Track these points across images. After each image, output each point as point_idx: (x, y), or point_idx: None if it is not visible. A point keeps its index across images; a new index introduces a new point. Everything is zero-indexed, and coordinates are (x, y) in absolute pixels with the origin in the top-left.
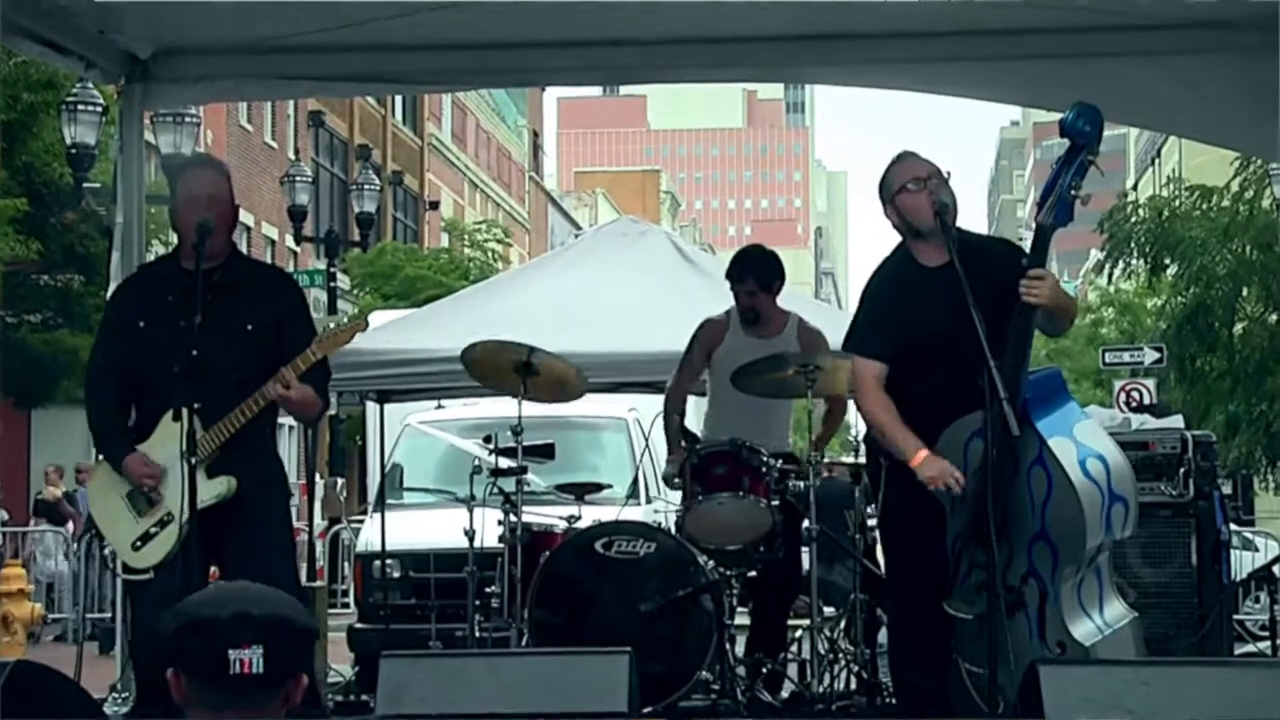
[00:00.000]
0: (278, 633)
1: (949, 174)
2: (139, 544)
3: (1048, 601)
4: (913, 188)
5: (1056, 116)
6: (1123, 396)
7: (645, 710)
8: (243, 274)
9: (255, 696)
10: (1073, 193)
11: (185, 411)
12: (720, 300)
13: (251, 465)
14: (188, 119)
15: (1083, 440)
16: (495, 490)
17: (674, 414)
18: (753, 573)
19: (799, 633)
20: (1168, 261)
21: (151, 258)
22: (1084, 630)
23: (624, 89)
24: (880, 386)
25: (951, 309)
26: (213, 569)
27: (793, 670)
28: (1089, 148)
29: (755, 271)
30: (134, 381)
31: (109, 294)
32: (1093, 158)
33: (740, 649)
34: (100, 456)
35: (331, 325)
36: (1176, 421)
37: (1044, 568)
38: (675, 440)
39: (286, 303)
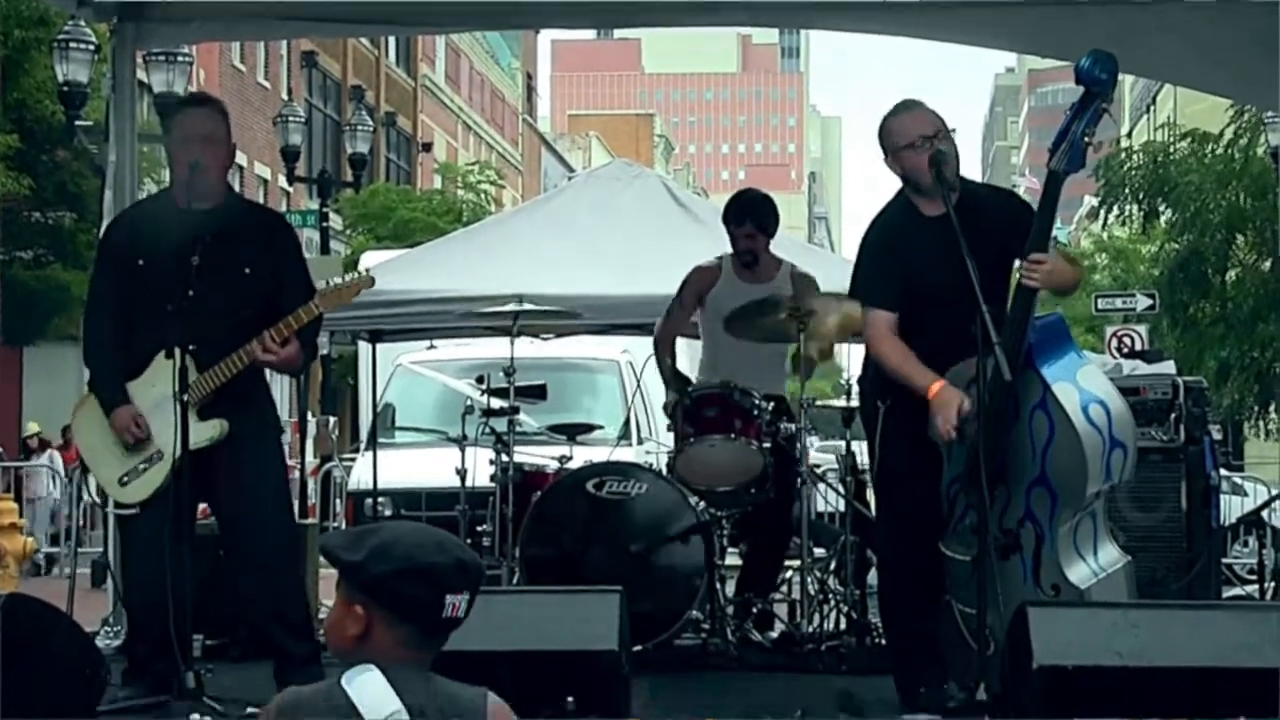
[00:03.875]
0: (478, 579)
1: (954, 130)
2: (125, 479)
3: (1043, 545)
4: (920, 145)
5: (1051, 63)
6: (1114, 342)
7: (635, 649)
8: (240, 217)
9: (441, 638)
10: (1085, 139)
11: (179, 351)
12: (713, 243)
13: (245, 408)
14: (180, 58)
15: (1085, 385)
16: (487, 430)
17: (665, 357)
18: (741, 514)
19: (789, 573)
20: (1162, 208)
21: (143, 196)
22: (1079, 574)
23: (618, 32)
24: (893, 333)
25: (952, 259)
26: (201, 505)
27: (782, 610)
28: (1104, 95)
29: (754, 214)
30: (129, 318)
31: (102, 230)
32: (1107, 105)
33: (730, 589)
34: (87, 390)
35: (336, 280)
36: (1168, 367)
37: (1041, 512)
38: (671, 380)
39: (283, 249)
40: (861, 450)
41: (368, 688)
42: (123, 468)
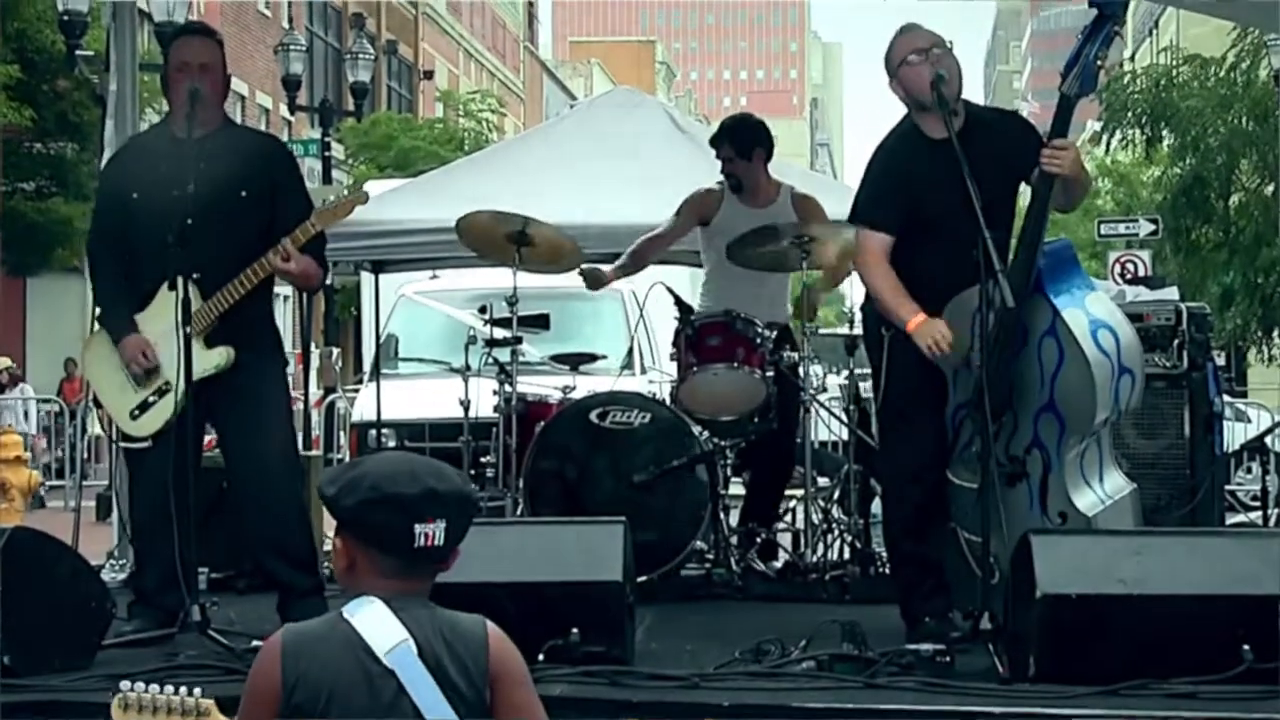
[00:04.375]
0: (457, 507)
1: (951, 44)
2: (137, 412)
3: (1051, 472)
4: (914, 60)
5: None
6: (1117, 268)
7: (639, 579)
8: (235, 141)
9: (425, 566)
10: (1098, 63)
11: (181, 281)
12: (714, 171)
13: (250, 335)
14: None
15: (1094, 312)
16: (490, 360)
17: (636, 250)
18: (744, 443)
19: (793, 503)
20: (1164, 132)
21: (145, 126)
22: (1086, 501)
23: None
24: (885, 258)
25: (957, 182)
26: (208, 438)
27: (786, 540)
28: (1115, 18)
29: (730, 137)
30: (130, 252)
31: (102, 163)
32: (1118, 28)
33: (734, 519)
34: (97, 325)
35: (331, 198)
36: (1171, 293)
37: (1049, 438)
38: (628, 258)
39: (280, 170)
40: (866, 378)
41: (372, 619)
42: (133, 401)
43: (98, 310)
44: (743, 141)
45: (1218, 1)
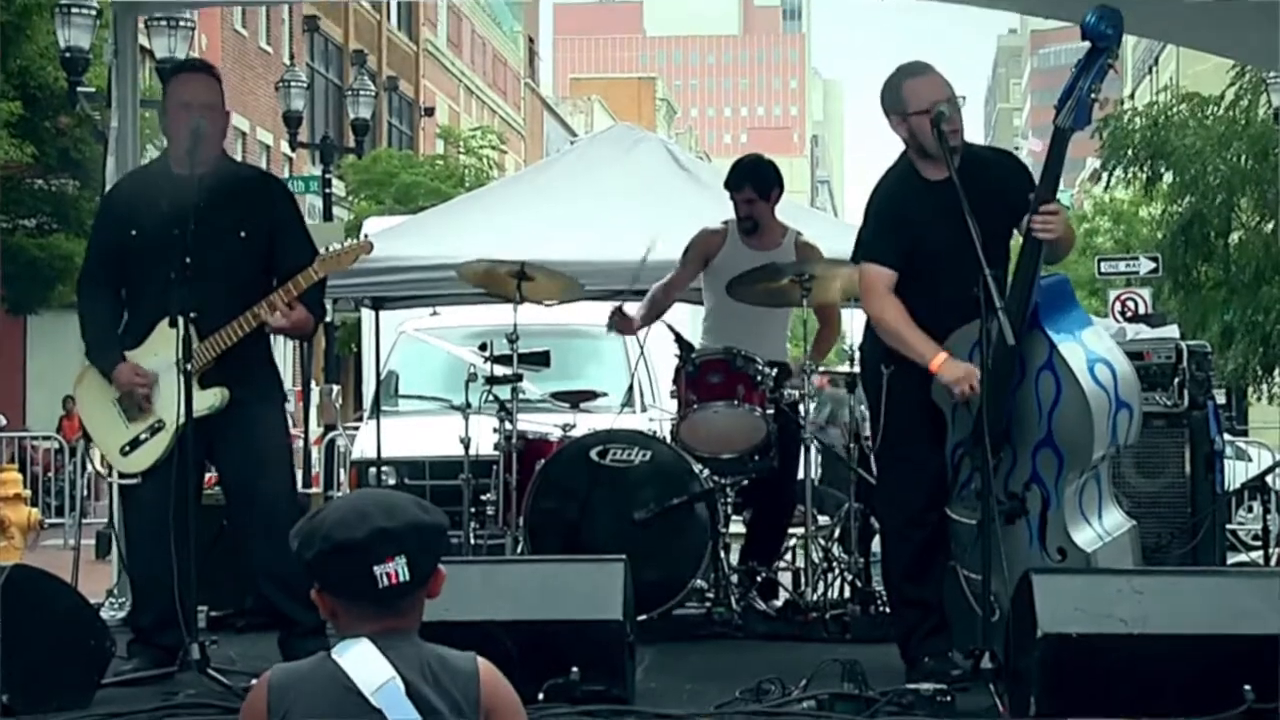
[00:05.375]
0: (415, 539)
1: (964, 99)
2: (128, 449)
3: (1050, 508)
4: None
5: (1054, 24)
6: (1118, 306)
7: (640, 617)
8: (234, 180)
9: (400, 602)
10: (1091, 96)
11: (181, 319)
12: (715, 208)
13: (246, 375)
14: (182, 23)
15: (1091, 346)
16: (490, 398)
17: (656, 296)
18: (746, 481)
19: (793, 541)
20: (1164, 170)
21: (146, 162)
22: (1085, 537)
23: None
24: (891, 292)
25: (954, 222)
26: (208, 475)
27: (786, 579)
28: (1109, 51)
29: (752, 178)
30: (127, 288)
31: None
32: (1112, 61)
33: (735, 558)
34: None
35: (335, 245)
36: (1171, 331)
37: (1047, 474)
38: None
39: (279, 210)
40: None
41: (359, 658)
42: (125, 437)
43: (84, 344)
44: (764, 183)
45: (1215, 38)
